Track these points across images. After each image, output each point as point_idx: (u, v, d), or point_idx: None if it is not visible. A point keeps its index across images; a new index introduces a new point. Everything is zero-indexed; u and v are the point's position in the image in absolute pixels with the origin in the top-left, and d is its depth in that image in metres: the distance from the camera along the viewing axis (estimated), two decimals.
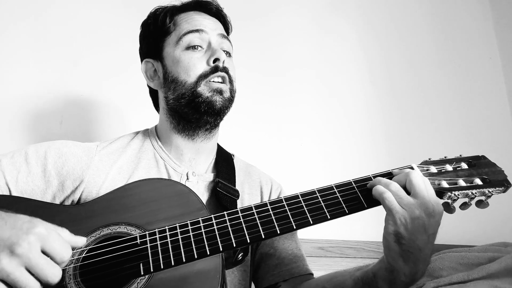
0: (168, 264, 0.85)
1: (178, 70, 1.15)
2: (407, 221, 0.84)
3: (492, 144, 2.20)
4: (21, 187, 1.05)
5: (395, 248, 0.86)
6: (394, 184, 0.88)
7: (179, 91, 1.15)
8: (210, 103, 1.12)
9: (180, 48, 1.16)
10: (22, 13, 1.68)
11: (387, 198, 0.86)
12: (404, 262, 0.86)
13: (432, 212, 0.85)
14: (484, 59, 2.41)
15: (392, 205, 0.85)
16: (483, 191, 0.88)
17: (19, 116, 1.60)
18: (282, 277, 1.17)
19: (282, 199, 0.93)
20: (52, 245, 0.72)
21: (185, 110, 1.15)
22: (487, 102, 2.31)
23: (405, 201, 0.85)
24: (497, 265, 1.47)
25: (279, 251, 1.20)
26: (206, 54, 1.16)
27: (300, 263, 1.20)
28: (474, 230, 1.80)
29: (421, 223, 0.84)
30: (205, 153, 1.24)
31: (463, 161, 0.95)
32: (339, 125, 2.04)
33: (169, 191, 0.99)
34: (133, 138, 1.24)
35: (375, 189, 0.89)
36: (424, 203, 0.84)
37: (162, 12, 1.22)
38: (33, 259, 0.69)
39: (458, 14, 2.43)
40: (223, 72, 1.15)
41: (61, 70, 1.69)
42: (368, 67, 2.17)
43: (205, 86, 1.13)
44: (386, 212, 0.87)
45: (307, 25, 2.13)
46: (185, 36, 1.16)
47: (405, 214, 0.84)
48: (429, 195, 0.85)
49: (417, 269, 0.87)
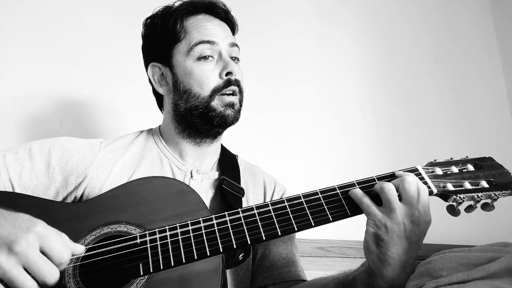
0: (167, 264, 0.84)
1: (191, 82, 1.14)
2: (386, 225, 0.85)
3: (492, 144, 2.19)
4: (24, 182, 1.04)
5: (374, 250, 0.87)
6: (380, 185, 0.89)
7: (192, 103, 1.15)
8: (223, 117, 1.14)
9: (191, 59, 1.15)
10: (23, 13, 1.67)
11: (364, 203, 0.88)
12: (382, 265, 0.86)
13: (416, 220, 0.85)
14: (484, 59, 2.41)
15: (370, 210, 0.87)
16: (489, 194, 0.87)
17: (19, 116, 1.59)
18: (272, 280, 1.17)
19: (284, 199, 0.92)
20: (51, 245, 0.71)
21: (197, 121, 1.16)
22: (487, 102, 2.31)
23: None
24: (497, 265, 1.47)
25: (272, 254, 1.21)
26: (218, 65, 1.15)
27: (292, 268, 1.20)
28: (474, 230, 1.80)
29: (402, 229, 0.85)
30: (209, 155, 1.25)
31: (469, 163, 0.94)
32: (340, 126, 2.03)
33: (170, 190, 0.99)
34: (137, 137, 1.24)
35: (353, 193, 0.90)
36: (409, 210, 0.85)
37: (172, 17, 1.18)
38: (31, 258, 0.68)
39: (458, 14, 2.42)
40: (235, 86, 1.16)
41: (61, 70, 1.68)
42: (368, 67, 2.16)
43: (218, 100, 1.14)
44: (366, 215, 0.89)
45: (308, 24, 2.12)
46: (197, 46, 1.15)
47: (384, 219, 0.85)
48: (419, 203, 0.86)
49: (395, 275, 0.87)
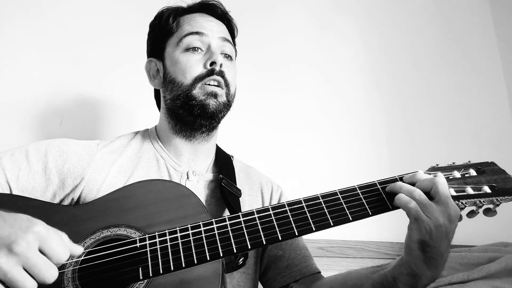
0: (167, 269, 0.84)
1: (176, 71, 1.16)
2: (431, 230, 0.84)
3: (492, 144, 2.20)
4: (21, 184, 1.04)
5: (419, 255, 0.87)
6: (418, 191, 0.87)
7: (175, 92, 1.16)
8: (203, 106, 1.12)
9: (179, 50, 1.17)
10: (23, 14, 1.66)
11: (413, 208, 0.85)
12: (427, 267, 0.87)
13: (453, 218, 0.85)
14: (484, 59, 2.41)
15: (419, 215, 0.85)
16: (491, 200, 0.87)
17: (19, 116, 1.58)
18: (293, 278, 1.17)
19: (284, 204, 0.92)
20: (50, 245, 0.71)
21: (180, 112, 1.16)
22: (487, 102, 2.31)
23: (429, 209, 0.85)
24: (497, 265, 1.47)
25: (288, 252, 1.21)
26: (205, 57, 1.16)
27: (309, 263, 1.21)
28: (474, 230, 1.80)
29: (444, 230, 0.84)
30: (204, 154, 1.24)
31: (471, 168, 0.93)
32: (339, 125, 2.03)
33: (170, 193, 0.98)
34: (133, 138, 1.24)
35: (399, 199, 0.88)
36: (447, 210, 0.84)
37: (167, 13, 1.23)
38: (31, 259, 0.68)
39: (458, 14, 2.42)
40: (218, 76, 1.14)
41: (61, 70, 1.67)
42: (368, 66, 2.16)
43: (200, 89, 1.13)
44: (411, 221, 0.87)
45: (308, 22, 2.11)
46: (185, 37, 1.17)
47: (430, 222, 0.84)
48: (451, 201, 0.86)
49: (438, 272, 0.88)
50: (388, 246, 1.83)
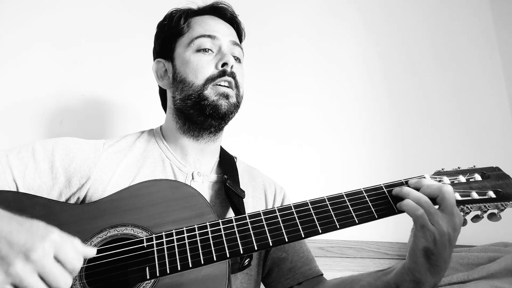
0: (174, 269, 0.84)
1: (187, 71, 1.16)
2: (436, 238, 0.85)
3: (492, 144, 2.21)
4: (28, 183, 1.04)
5: (423, 262, 0.88)
6: (425, 199, 0.88)
7: (186, 92, 1.16)
8: (216, 107, 1.13)
9: (190, 50, 1.18)
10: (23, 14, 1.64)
11: (420, 216, 0.86)
12: (430, 274, 0.88)
13: (457, 227, 0.86)
14: (484, 59, 2.41)
15: (425, 223, 0.85)
16: (496, 205, 0.88)
17: (19, 116, 1.57)
18: (297, 280, 1.18)
19: (291, 205, 0.92)
20: (65, 254, 0.72)
21: (191, 112, 1.16)
22: (487, 102, 2.32)
23: (435, 218, 0.85)
24: (497, 265, 1.49)
25: (291, 255, 1.22)
26: (216, 58, 1.17)
27: (312, 265, 1.22)
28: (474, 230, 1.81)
29: (447, 238, 0.85)
30: (209, 154, 1.25)
31: (476, 172, 0.94)
32: (339, 127, 2.03)
33: (177, 193, 0.98)
34: (139, 138, 1.24)
35: (407, 205, 0.88)
36: (452, 219, 0.86)
37: (177, 14, 1.24)
38: (47, 267, 0.69)
39: (458, 14, 2.43)
40: (230, 77, 1.15)
41: (61, 70, 1.66)
42: (367, 69, 2.16)
43: (212, 89, 1.14)
44: (417, 228, 0.87)
45: (306, 27, 2.11)
46: (197, 39, 1.18)
47: (435, 230, 0.85)
48: (457, 210, 0.87)
49: (440, 278, 0.90)
50: (388, 246, 1.85)
